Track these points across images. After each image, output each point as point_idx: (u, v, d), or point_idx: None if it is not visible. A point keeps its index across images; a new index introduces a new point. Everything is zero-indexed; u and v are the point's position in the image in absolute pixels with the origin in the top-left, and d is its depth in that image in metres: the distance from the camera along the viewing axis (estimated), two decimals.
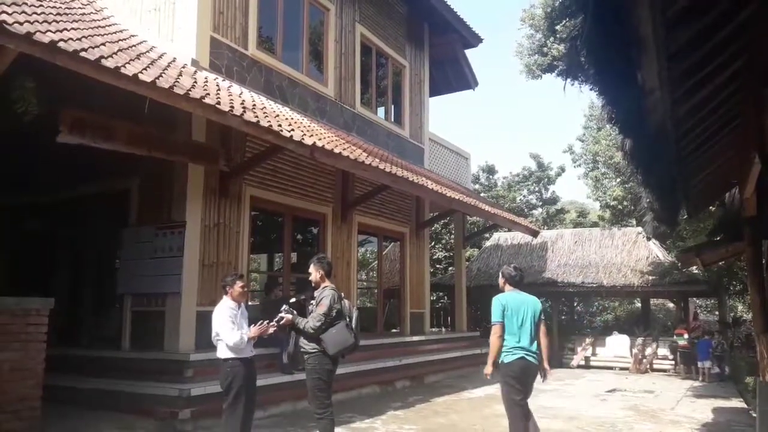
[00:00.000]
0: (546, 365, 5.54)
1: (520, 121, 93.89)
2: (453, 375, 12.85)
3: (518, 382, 5.31)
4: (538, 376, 5.47)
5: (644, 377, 14.84)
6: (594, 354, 17.49)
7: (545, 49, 15.25)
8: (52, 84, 5.93)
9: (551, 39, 14.90)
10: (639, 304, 21.21)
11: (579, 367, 17.00)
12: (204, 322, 5.84)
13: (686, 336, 15.34)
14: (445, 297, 21.45)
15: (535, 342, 5.42)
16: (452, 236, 20.14)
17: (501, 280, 5.71)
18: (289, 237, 10.38)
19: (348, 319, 5.57)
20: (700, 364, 14.54)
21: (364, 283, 20.21)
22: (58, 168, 8.63)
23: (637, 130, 4.27)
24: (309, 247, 13.15)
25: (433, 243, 21.21)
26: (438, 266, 22.88)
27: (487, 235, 21.80)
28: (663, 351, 16.45)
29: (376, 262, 15.15)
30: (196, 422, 6.92)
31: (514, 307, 5.45)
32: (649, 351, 16.34)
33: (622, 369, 16.24)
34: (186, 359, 7.25)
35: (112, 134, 6.51)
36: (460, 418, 8.19)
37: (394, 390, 10.89)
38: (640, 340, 16.52)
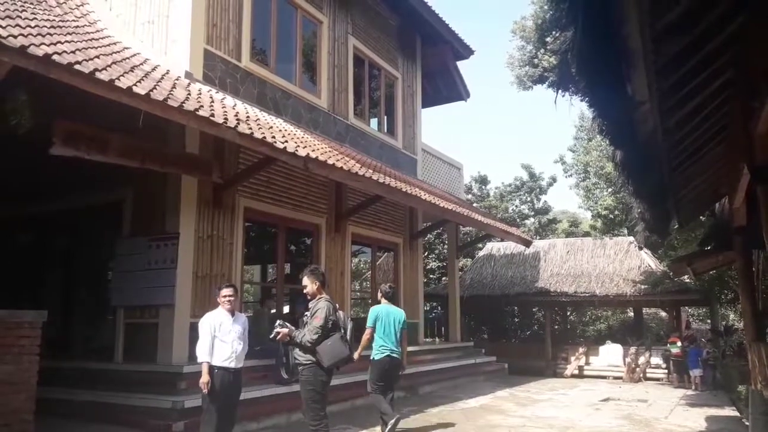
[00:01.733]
0: (404, 362, 7.48)
1: (511, 132, 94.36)
2: (447, 385, 12.81)
3: (384, 373, 7.11)
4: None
5: (637, 386, 14.87)
6: (587, 363, 17.53)
7: (536, 61, 15.41)
8: (46, 96, 5.93)
9: (542, 51, 15.06)
10: (632, 314, 21.28)
11: (573, 376, 17.02)
12: (197, 333, 5.84)
13: (679, 344, 15.40)
14: (439, 307, 21.43)
15: (398, 344, 7.16)
16: (445, 246, 20.15)
17: (379, 295, 7.52)
18: (282, 248, 10.38)
19: (343, 331, 5.57)
20: (691, 373, 14.60)
21: (358, 294, 20.20)
22: (50, 179, 8.60)
23: (628, 142, 4.33)
24: (303, 258, 13.13)
25: (426, 253, 21.24)
26: (431, 276, 22.90)
27: (480, 245, 21.84)
28: (656, 360, 16.52)
29: (370, 272, 15.14)
30: None
31: (385, 316, 7.20)
32: (642, 360, 16.40)
33: (615, 378, 16.28)
34: (179, 371, 7.23)
35: (106, 146, 6.50)
36: (456, 429, 8.18)
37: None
38: (633, 349, 16.58)
